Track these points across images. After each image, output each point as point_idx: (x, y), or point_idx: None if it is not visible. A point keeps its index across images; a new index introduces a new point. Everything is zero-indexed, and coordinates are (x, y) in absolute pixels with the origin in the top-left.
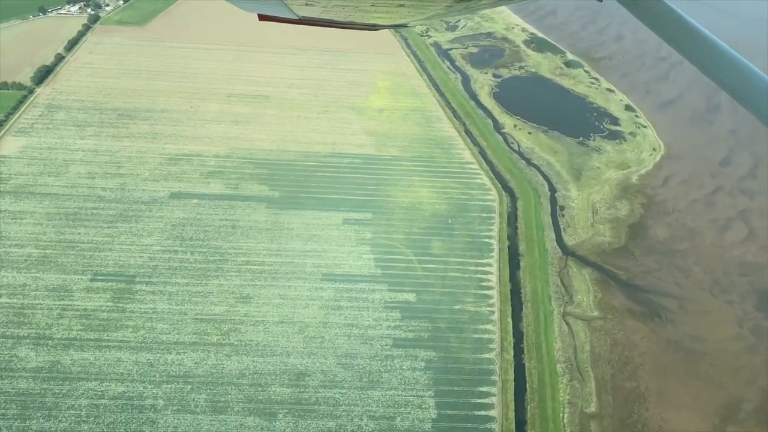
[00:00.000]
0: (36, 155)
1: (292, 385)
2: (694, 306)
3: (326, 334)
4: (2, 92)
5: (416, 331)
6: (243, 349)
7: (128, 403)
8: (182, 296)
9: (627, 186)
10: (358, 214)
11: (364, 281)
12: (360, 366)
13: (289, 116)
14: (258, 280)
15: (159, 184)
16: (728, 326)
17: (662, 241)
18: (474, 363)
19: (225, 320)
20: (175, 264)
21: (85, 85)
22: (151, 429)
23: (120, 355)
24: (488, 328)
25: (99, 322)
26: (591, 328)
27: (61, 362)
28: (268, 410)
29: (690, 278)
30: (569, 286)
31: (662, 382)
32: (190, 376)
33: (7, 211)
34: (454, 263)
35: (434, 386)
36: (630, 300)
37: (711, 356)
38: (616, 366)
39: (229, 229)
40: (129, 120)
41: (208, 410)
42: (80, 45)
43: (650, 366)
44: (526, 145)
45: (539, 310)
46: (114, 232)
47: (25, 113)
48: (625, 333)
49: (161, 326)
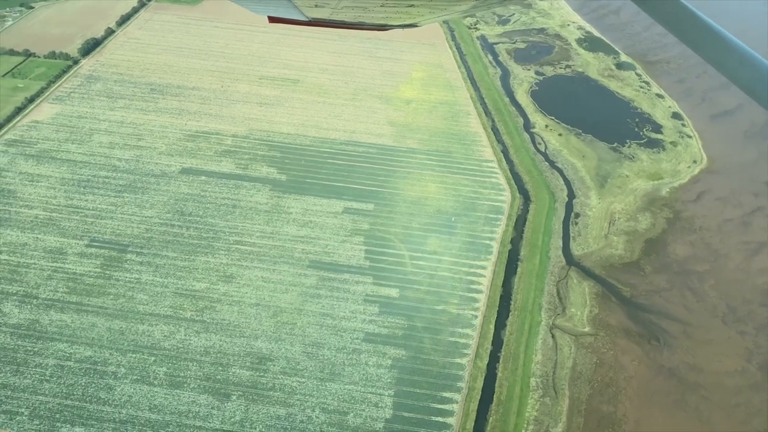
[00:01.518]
0: (65, 123)
1: (253, 369)
2: (699, 333)
3: (299, 321)
4: (50, 61)
5: (391, 327)
6: (213, 327)
7: (92, 367)
8: (168, 269)
9: (655, 198)
10: (361, 204)
11: (350, 272)
12: (325, 357)
13: (315, 101)
14: (245, 260)
15: (173, 159)
16: (734, 359)
17: (680, 260)
18: (443, 367)
19: (203, 297)
20: (169, 237)
21: (126, 59)
22: (106, 395)
23: (95, 321)
24: (467, 332)
25: (84, 286)
26: (578, 344)
27: (39, 321)
28: (223, 390)
29: (702, 302)
30: (564, 298)
31: (643, 410)
32: (156, 349)
33: (26, 174)
34: (447, 262)
35: (396, 386)
36: (629, 319)
37: (706, 389)
38: (596, 387)
39: (230, 209)
40: (159, 95)
41: (165, 384)
42: (131, 21)
43: (634, 391)
44: (554, 146)
45: (526, 319)
46: (119, 202)
47: (65, 83)
48: (615, 353)
49: (141, 296)
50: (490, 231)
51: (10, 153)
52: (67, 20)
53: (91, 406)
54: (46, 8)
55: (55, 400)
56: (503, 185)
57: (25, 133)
